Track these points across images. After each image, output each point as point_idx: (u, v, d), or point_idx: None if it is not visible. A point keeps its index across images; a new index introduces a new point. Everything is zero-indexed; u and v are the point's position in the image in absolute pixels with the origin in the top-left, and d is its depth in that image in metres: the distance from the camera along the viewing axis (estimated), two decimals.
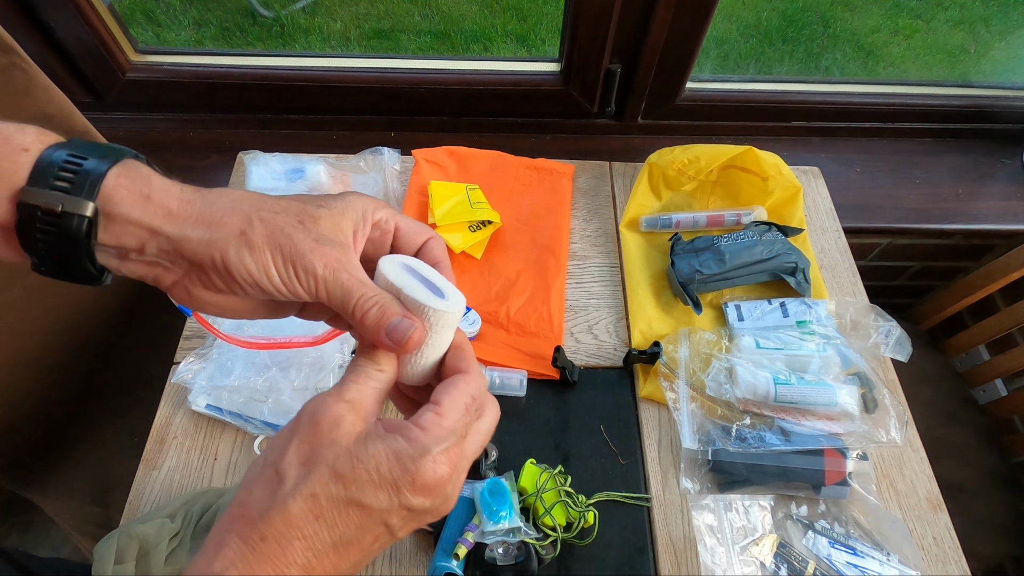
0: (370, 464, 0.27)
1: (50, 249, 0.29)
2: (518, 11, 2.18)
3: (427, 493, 0.28)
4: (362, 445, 0.28)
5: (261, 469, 0.28)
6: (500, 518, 0.59)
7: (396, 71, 0.98)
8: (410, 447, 0.28)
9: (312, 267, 0.30)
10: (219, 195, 0.31)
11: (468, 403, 0.31)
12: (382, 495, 0.27)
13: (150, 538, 0.54)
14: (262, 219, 0.30)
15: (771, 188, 0.85)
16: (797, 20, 2.22)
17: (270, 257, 0.30)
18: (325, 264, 0.30)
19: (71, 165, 0.28)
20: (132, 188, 0.29)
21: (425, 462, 0.28)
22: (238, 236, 0.29)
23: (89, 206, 0.28)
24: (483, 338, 0.77)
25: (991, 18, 2.30)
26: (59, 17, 0.85)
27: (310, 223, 0.31)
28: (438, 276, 0.35)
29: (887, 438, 0.67)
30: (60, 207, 0.27)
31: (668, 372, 0.71)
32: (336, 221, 0.32)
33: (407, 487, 0.27)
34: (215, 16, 2.08)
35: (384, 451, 0.28)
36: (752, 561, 0.62)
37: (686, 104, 1.01)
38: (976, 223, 1.02)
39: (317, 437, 0.28)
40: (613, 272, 0.86)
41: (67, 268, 0.30)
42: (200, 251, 0.29)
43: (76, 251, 0.29)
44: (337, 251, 0.31)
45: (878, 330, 0.75)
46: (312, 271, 0.30)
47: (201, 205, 0.30)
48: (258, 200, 0.31)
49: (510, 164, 0.94)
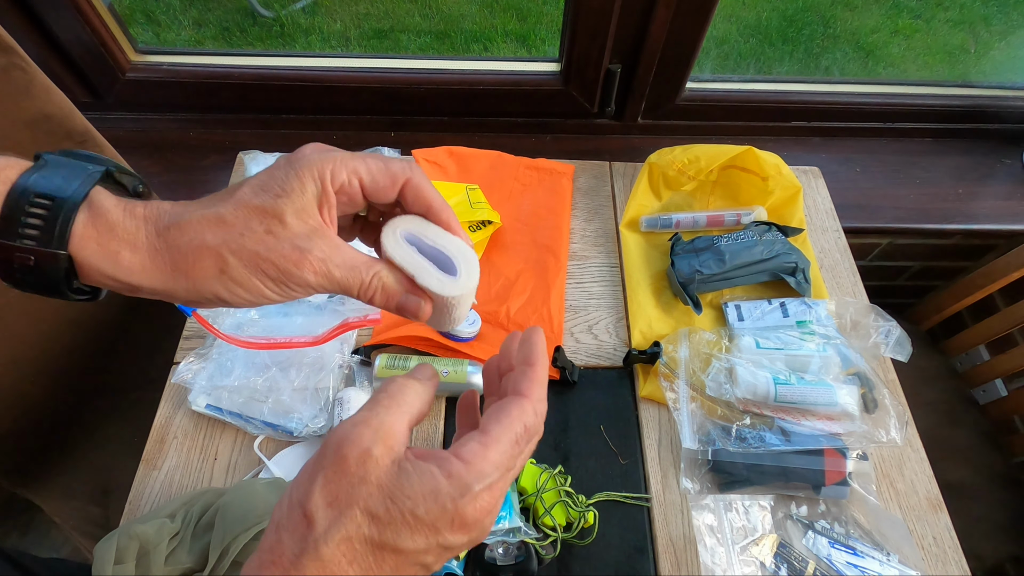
0: (405, 505, 0.25)
1: (31, 288, 0.28)
2: (518, 11, 2.18)
3: (466, 530, 0.26)
4: (396, 482, 0.25)
5: (287, 511, 0.26)
6: (500, 518, 0.59)
7: (396, 71, 0.98)
8: (449, 485, 0.26)
9: (303, 279, 0.30)
10: (180, 232, 0.29)
11: (520, 434, 0.28)
12: (419, 538, 0.25)
13: (150, 538, 0.54)
14: (233, 251, 0.29)
15: (771, 188, 0.85)
16: (797, 20, 2.22)
17: (260, 283, 0.29)
18: (315, 272, 0.30)
19: (41, 205, 0.27)
20: (100, 241, 0.28)
21: (465, 501, 0.26)
22: (220, 277, 0.29)
23: (61, 256, 0.27)
24: (483, 338, 0.77)
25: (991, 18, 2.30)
26: (59, 17, 0.84)
27: (278, 227, 0.29)
28: (443, 236, 0.32)
29: (887, 438, 0.67)
30: (32, 260, 0.27)
31: (668, 372, 0.71)
32: (300, 208, 0.30)
33: (446, 528, 0.25)
34: (215, 16, 2.08)
35: (421, 490, 0.25)
36: (752, 561, 0.62)
37: (686, 104, 1.01)
38: (976, 223, 1.02)
39: (345, 474, 0.25)
40: (613, 272, 0.85)
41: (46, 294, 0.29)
42: (192, 297, 0.29)
43: (57, 290, 0.28)
44: (318, 249, 0.30)
45: (878, 330, 0.75)
46: (305, 282, 0.30)
47: (168, 253, 0.29)
48: (217, 224, 0.29)
49: (510, 164, 0.94)
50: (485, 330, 0.77)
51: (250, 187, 0.30)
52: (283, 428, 0.67)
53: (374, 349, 0.74)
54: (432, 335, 0.73)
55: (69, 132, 0.70)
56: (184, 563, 0.54)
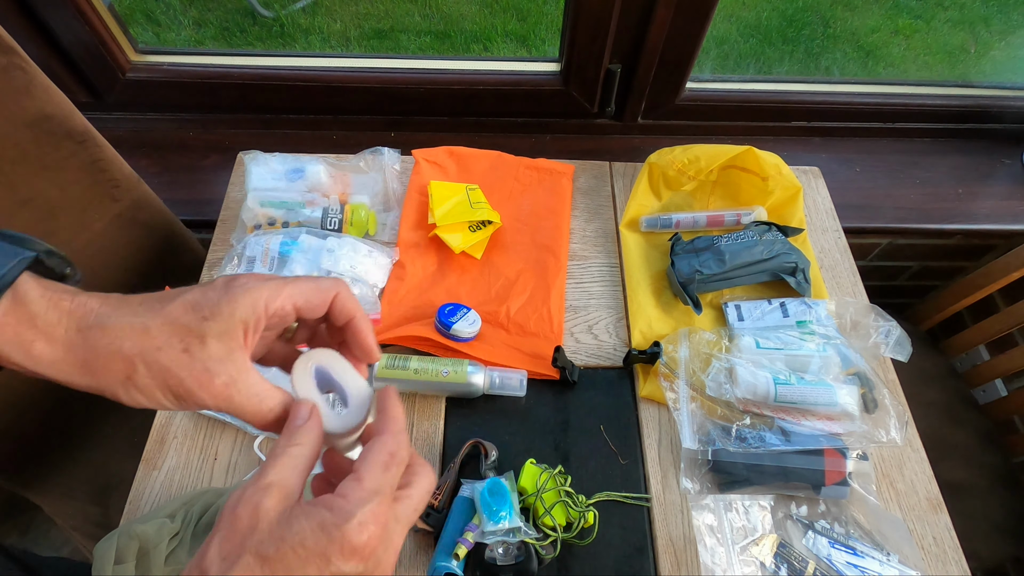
0: (295, 540, 0.27)
1: None
2: (518, 11, 2.18)
3: (357, 557, 0.27)
4: (286, 524, 0.27)
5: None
6: (500, 518, 0.59)
7: (396, 71, 0.98)
8: (333, 515, 0.27)
9: (203, 402, 0.31)
10: (102, 334, 0.30)
11: (386, 460, 0.30)
12: (310, 567, 0.27)
13: (150, 538, 0.54)
14: (146, 362, 0.30)
15: (771, 188, 0.85)
16: (797, 20, 2.22)
17: (160, 395, 0.31)
18: (214, 395, 0.31)
19: None
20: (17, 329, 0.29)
21: (350, 526, 0.27)
22: (124, 381, 0.31)
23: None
24: (483, 338, 0.77)
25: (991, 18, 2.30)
26: (59, 17, 0.85)
27: (196, 347, 0.31)
28: (348, 373, 0.36)
29: (887, 438, 0.67)
30: None
31: (668, 372, 0.71)
32: (223, 331, 0.31)
33: (335, 555, 0.27)
34: (215, 16, 2.08)
35: (308, 525, 0.27)
36: (752, 561, 0.62)
37: (686, 104, 1.01)
38: (976, 223, 1.02)
39: (237, 529, 0.27)
40: (613, 272, 0.86)
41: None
42: (90, 390, 0.31)
43: None
44: (226, 374, 0.31)
45: (878, 330, 0.75)
46: (201, 402, 0.31)
47: (83, 351, 0.30)
48: (139, 334, 0.31)
49: (510, 164, 0.94)
50: (485, 330, 0.77)
51: (183, 303, 0.32)
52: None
53: None
54: (432, 335, 0.73)
55: (69, 132, 0.70)
56: (184, 563, 0.54)
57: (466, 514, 0.61)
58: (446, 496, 0.64)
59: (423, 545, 0.64)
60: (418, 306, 0.79)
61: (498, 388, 0.71)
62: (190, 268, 0.85)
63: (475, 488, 0.62)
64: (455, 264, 0.83)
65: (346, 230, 0.82)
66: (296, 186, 0.84)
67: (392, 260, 0.81)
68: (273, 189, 0.83)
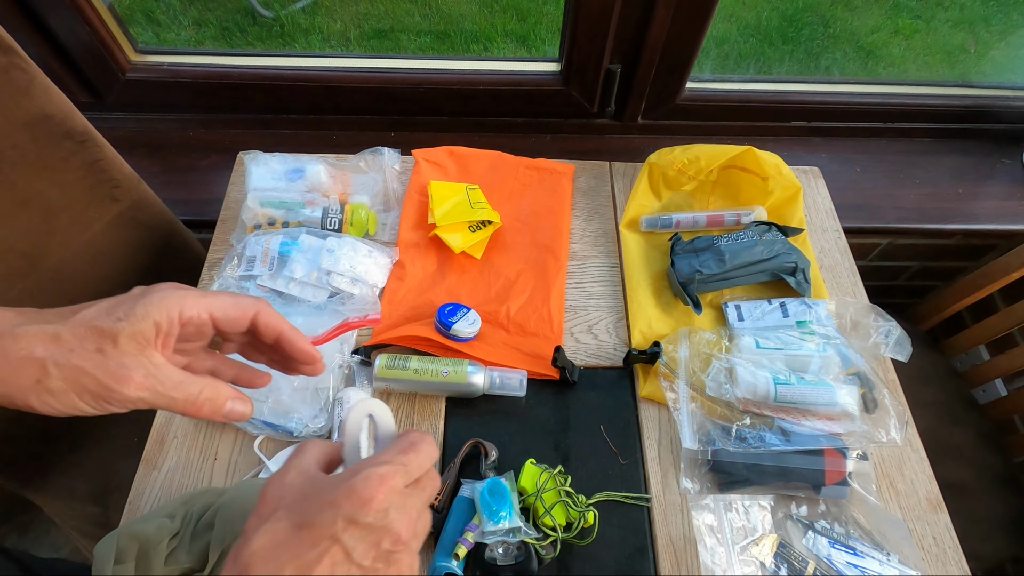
0: (313, 493, 0.32)
1: None
2: (518, 11, 2.18)
3: (363, 505, 0.30)
4: (309, 485, 0.32)
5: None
6: (500, 518, 0.59)
7: (396, 71, 0.98)
8: (347, 474, 0.32)
9: (124, 395, 0.32)
10: (12, 342, 0.31)
11: (404, 446, 0.34)
12: (326, 512, 0.30)
13: (150, 538, 0.54)
14: (57, 363, 0.31)
15: (771, 188, 0.85)
16: (797, 20, 2.22)
17: (75, 397, 0.32)
18: (139, 387, 0.33)
19: None
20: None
21: (357, 479, 0.31)
22: (35, 385, 0.31)
23: None
24: (483, 338, 0.77)
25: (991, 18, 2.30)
26: (59, 17, 0.85)
27: (109, 347, 0.32)
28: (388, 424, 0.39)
29: (887, 438, 0.67)
30: None
31: (668, 372, 0.71)
32: (136, 332, 0.33)
33: (343, 501, 0.30)
34: (215, 16, 2.08)
35: (326, 484, 0.32)
36: (752, 561, 0.62)
37: (686, 104, 1.01)
38: (976, 223, 1.02)
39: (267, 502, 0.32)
40: (613, 272, 0.86)
41: None
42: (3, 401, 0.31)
43: None
44: (143, 369, 0.33)
45: (878, 330, 0.75)
46: (125, 398, 0.32)
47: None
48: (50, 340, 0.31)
49: (510, 164, 0.94)
50: (485, 330, 0.77)
51: (97, 309, 0.33)
52: (283, 428, 0.67)
53: (374, 349, 0.74)
54: (432, 335, 0.73)
55: (69, 132, 0.70)
56: (184, 563, 0.54)
57: (466, 514, 0.61)
58: (446, 496, 0.64)
59: (423, 545, 0.63)
60: (418, 306, 0.79)
61: (498, 388, 0.71)
62: (190, 268, 0.85)
63: (475, 488, 0.62)
64: (455, 264, 0.83)
65: (346, 230, 0.82)
66: (296, 186, 0.84)
67: (392, 260, 0.82)
68: (273, 189, 0.83)
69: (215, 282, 0.77)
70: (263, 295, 0.76)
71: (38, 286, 0.72)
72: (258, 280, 0.76)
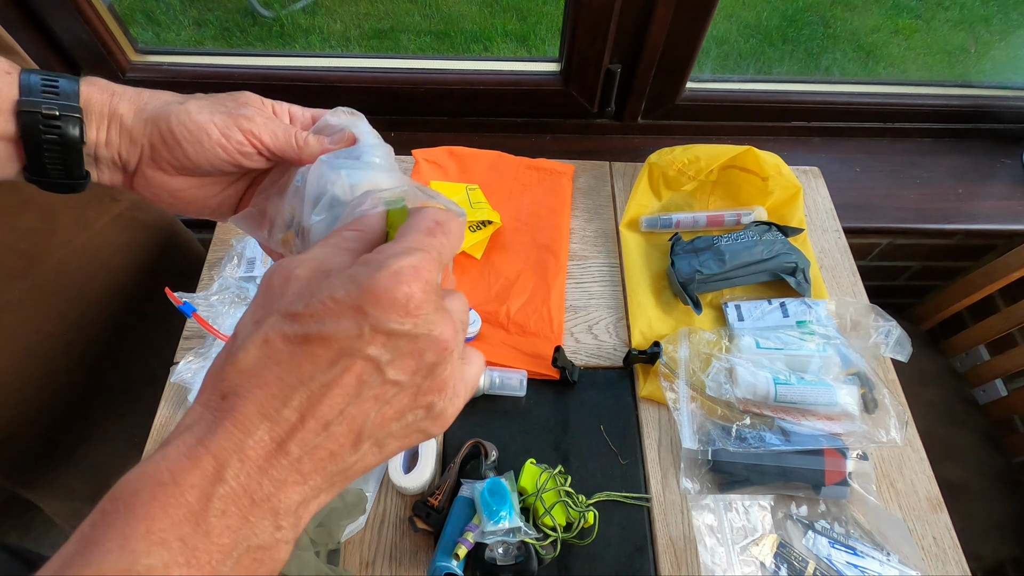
0: (324, 295, 0.23)
1: (51, 149, 0.34)
2: (518, 11, 2.18)
3: (397, 309, 0.23)
4: (315, 282, 0.24)
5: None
6: (500, 518, 0.59)
7: (396, 71, 0.98)
8: (365, 266, 0.23)
9: (251, 119, 0.36)
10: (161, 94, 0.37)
11: (431, 226, 0.26)
12: (345, 320, 0.22)
13: None
14: (196, 98, 0.36)
15: (771, 188, 0.85)
16: (797, 20, 2.22)
17: (208, 116, 0.35)
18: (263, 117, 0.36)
19: (49, 85, 0.34)
20: (101, 91, 0.36)
21: (382, 274, 0.23)
22: (177, 105, 0.35)
23: (78, 108, 0.34)
24: (483, 338, 0.77)
25: (991, 18, 2.30)
26: (59, 17, 0.84)
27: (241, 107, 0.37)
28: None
29: (887, 438, 0.67)
30: (58, 112, 0.33)
31: (668, 372, 0.71)
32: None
33: (369, 303, 0.22)
34: (215, 16, 2.08)
35: (339, 280, 0.23)
36: (752, 561, 0.62)
37: (686, 104, 1.01)
38: (976, 223, 1.02)
39: (269, 294, 0.24)
40: (613, 272, 0.85)
41: (59, 168, 0.35)
42: (149, 127, 0.35)
43: (70, 149, 0.34)
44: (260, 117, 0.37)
45: (878, 330, 0.75)
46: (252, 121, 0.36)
47: (148, 96, 0.37)
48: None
49: (510, 164, 0.94)
50: (485, 330, 0.77)
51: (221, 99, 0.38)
52: None
53: None
54: None
55: None
56: None
57: (466, 514, 0.61)
58: (446, 496, 0.64)
59: (423, 545, 0.64)
60: None
61: (498, 388, 0.71)
62: (190, 268, 0.86)
63: (475, 488, 0.62)
64: (455, 264, 0.83)
65: None
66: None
67: None
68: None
69: (215, 282, 0.77)
70: None
71: (38, 286, 0.72)
72: (258, 281, 0.76)
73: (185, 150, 0.35)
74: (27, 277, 0.70)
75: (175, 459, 0.21)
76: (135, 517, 0.20)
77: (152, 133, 0.35)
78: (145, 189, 0.37)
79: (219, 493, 0.21)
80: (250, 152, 0.36)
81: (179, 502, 0.21)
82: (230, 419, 0.22)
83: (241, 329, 0.24)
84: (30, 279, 0.71)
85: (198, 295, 0.76)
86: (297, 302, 0.23)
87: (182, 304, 0.65)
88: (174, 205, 0.38)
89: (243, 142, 0.36)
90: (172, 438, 0.22)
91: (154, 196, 0.37)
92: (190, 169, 0.36)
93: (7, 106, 0.33)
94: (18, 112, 0.33)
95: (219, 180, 0.39)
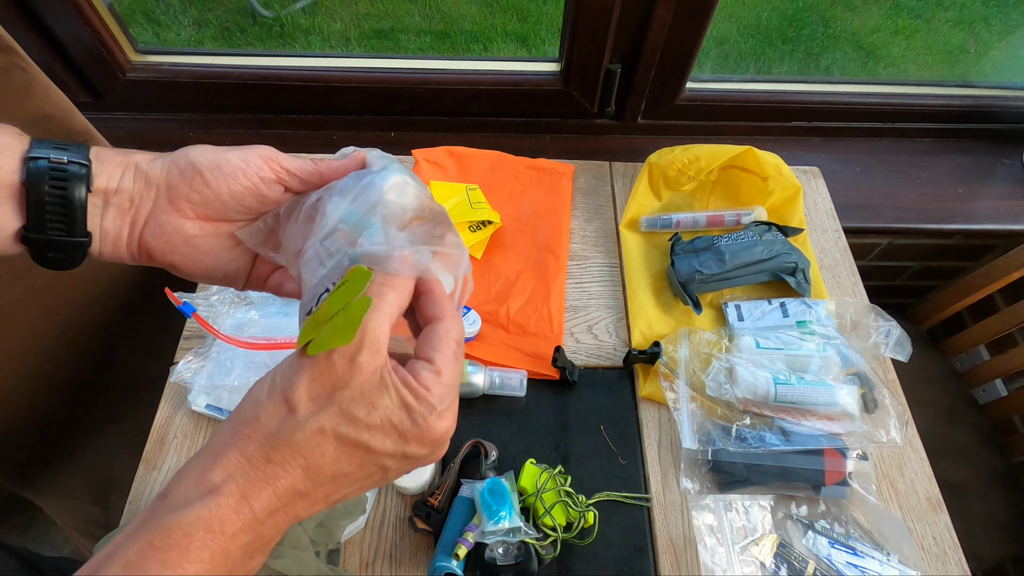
0: (382, 414, 0.28)
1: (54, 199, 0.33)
2: (518, 11, 2.18)
3: (431, 444, 0.30)
4: (376, 391, 0.28)
5: (269, 393, 0.29)
6: (500, 518, 0.59)
7: (396, 71, 0.98)
8: (419, 404, 0.29)
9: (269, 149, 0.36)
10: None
11: (455, 351, 0.32)
12: (389, 442, 0.29)
13: None
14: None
15: (771, 188, 0.85)
16: (797, 20, 2.22)
17: (226, 150, 0.35)
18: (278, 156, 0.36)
19: (59, 142, 0.34)
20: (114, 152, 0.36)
21: (432, 419, 0.29)
22: (194, 145, 0.36)
23: (87, 156, 0.34)
24: (483, 338, 0.77)
25: (991, 18, 2.30)
26: (59, 17, 0.84)
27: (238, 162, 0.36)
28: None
29: (887, 438, 0.67)
30: (66, 158, 0.33)
31: (668, 372, 0.71)
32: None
33: (415, 440, 0.29)
34: (215, 16, 2.08)
35: (397, 403, 0.29)
36: (752, 561, 0.62)
37: (686, 104, 1.01)
38: (976, 223, 1.02)
39: (330, 376, 0.28)
40: (613, 272, 0.85)
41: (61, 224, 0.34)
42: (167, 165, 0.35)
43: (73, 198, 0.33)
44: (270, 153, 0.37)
45: (878, 330, 0.75)
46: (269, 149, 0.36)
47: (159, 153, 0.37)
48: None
49: (510, 164, 0.94)
50: (485, 330, 0.77)
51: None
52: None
53: None
54: None
55: (69, 132, 0.70)
56: None
57: (466, 514, 0.61)
58: (446, 496, 0.64)
59: (423, 545, 0.64)
60: None
61: (498, 388, 0.71)
62: None
63: (475, 488, 0.62)
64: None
65: None
66: None
67: None
68: None
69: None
70: (262, 296, 0.76)
71: (38, 286, 0.72)
72: None
73: (205, 178, 0.35)
74: (27, 279, 0.70)
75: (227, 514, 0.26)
76: (188, 559, 0.25)
77: (170, 170, 0.35)
78: (157, 239, 0.36)
79: (254, 546, 0.28)
80: (270, 178, 0.36)
81: (225, 550, 0.26)
82: (272, 487, 0.27)
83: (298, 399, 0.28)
84: (30, 280, 0.71)
85: (198, 295, 0.76)
86: (359, 407, 0.28)
87: (182, 304, 0.65)
88: (188, 256, 0.37)
89: (262, 166, 0.36)
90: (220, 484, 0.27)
91: (167, 246, 0.36)
92: (210, 202, 0.35)
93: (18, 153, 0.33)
94: (28, 157, 0.33)
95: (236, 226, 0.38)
